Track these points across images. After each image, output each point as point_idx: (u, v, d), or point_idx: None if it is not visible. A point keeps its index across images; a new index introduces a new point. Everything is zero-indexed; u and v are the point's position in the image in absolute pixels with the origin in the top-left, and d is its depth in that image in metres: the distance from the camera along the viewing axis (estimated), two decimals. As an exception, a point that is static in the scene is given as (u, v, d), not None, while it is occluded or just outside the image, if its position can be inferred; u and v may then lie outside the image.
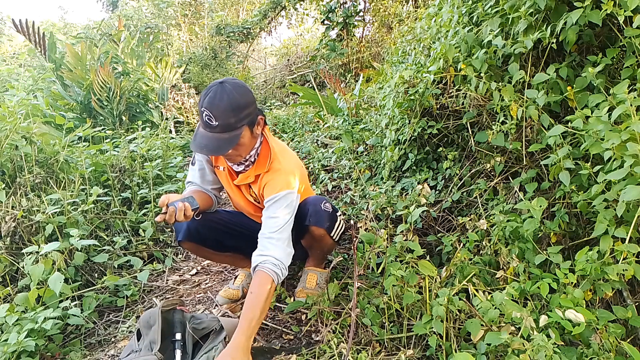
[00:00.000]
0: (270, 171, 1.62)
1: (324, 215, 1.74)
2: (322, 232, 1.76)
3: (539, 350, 1.07)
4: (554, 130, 1.45)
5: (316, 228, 1.74)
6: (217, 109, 1.41)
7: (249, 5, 12.51)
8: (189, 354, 1.43)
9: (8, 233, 2.00)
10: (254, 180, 1.67)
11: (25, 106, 2.71)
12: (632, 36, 1.36)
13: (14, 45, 13.86)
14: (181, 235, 1.72)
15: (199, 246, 1.78)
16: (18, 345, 1.45)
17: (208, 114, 1.42)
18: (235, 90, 1.44)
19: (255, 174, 1.65)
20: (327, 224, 1.76)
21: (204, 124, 1.45)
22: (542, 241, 1.66)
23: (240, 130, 1.47)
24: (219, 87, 1.43)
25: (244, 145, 1.53)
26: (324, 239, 1.79)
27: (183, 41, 10.60)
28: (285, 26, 17.81)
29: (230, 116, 1.43)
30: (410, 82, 2.31)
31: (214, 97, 1.42)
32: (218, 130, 1.43)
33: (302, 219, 1.72)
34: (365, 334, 1.52)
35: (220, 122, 1.42)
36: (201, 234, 1.74)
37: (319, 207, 1.74)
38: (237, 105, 1.43)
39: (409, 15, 6.46)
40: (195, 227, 1.72)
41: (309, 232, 1.76)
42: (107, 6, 12.62)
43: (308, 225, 1.73)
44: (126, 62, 5.65)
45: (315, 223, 1.73)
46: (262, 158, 1.64)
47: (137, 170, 3.02)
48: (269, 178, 1.61)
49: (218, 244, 1.81)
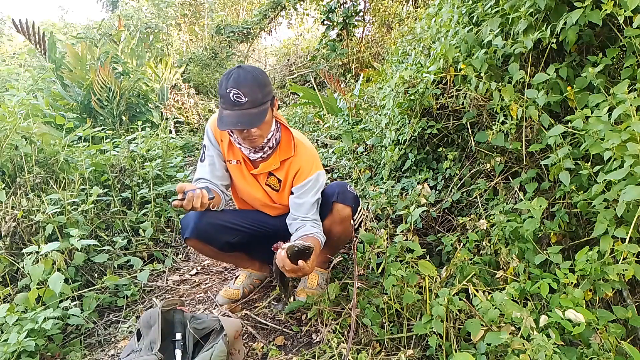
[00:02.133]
0: (297, 155, 1.70)
1: (350, 195, 1.75)
2: (347, 212, 1.73)
3: (539, 350, 1.07)
4: (554, 130, 1.45)
5: (343, 206, 1.73)
6: (245, 87, 1.49)
7: (249, 5, 12.51)
8: (189, 354, 1.43)
9: (8, 233, 2.00)
10: (279, 166, 1.71)
11: (25, 106, 2.70)
12: (632, 36, 1.36)
13: (14, 45, 13.86)
14: (188, 232, 1.72)
15: (204, 244, 1.78)
16: (18, 345, 1.45)
17: (236, 92, 1.48)
18: (254, 69, 1.55)
19: (280, 159, 1.71)
20: (353, 205, 1.75)
21: (232, 103, 1.50)
22: (542, 241, 1.66)
23: (266, 105, 1.55)
24: (239, 69, 1.52)
25: (267, 123, 1.59)
26: (346, 222, 1.75)
27: (183, 41, 10.60)
28: (285, 26, 17.79)
29: (257, 91, 1.51)
30: (410, 82, 2.31)
31: (238, 77, 1.50)
32: (247, 106, 1.50)
33: (328, 197, 1.74)
34: (365, 334, 1.52)
35: (249, 97, 1.49)
36: (208, 233, 1.74)
37: (345, 188, 1.76)
38: (261, 81, 1.53)
39: (409, 15, 6.45)
40: (203, 225, 1.72)
41: (332, 211, 1.74)
42: (107, 6, 12.61)
43: (334, 202, 1.73)
44: (126, 62, 5.64)
45: (342, 201, 1.73)
46: (285, 143, 1.72)
47: (137, 170, 3.02)
48: (299, 162, 1.70)
49: (224, 244, 1.80)
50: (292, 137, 1.72)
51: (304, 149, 1.73)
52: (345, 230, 1.78)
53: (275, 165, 1.71)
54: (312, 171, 1.70)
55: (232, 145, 1.74)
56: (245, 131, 1.55)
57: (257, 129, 1.56)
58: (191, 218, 1.73)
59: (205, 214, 1.72)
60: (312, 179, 1.69)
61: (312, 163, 1.71)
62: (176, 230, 2.81)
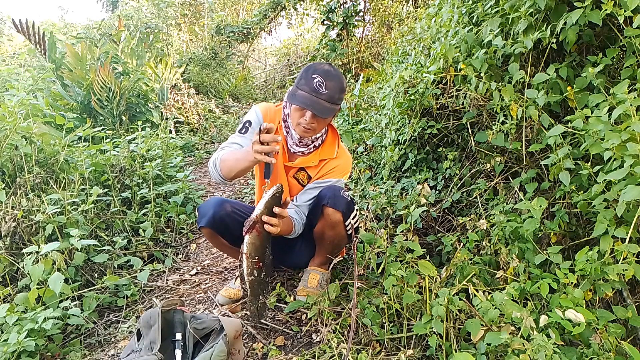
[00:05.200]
0: (338, 158, 1.80)
1: (342, 201, 1.73)
2: (337, 217, 1.73)
3: (539, 350, 1.07)
4: (554, 130, 1.45)
5: (333, 211, 1.71)
6: (330, 81, 1.57)
7: (249, 5, 12.52)
8: (189, 354, 1.43)
9: (8, 233, 2.00)
10: (316, 164, 1.78)
11: (25, 106, 2.70)
12: (632, 36, 1.36)
13: (14, 45, 13.85)
14: (204, 221, 1.73)
15: (217, 236, 1.79)
16: (18, 345, 1.45)
17: (320, 82, 1.56)
18: (342, 75, 1.65)
19: (320, 158, 1.78)
20: (344, 210, 1.73)
21: (312, 89, 1.56)
22: (542, 241, 1.66)
23: (337, 107, 1.62)
24: (331, 67, 1.62)
25: (326, 123, 1.69)
26: (338, 226, 1.75)
27: (183, 41, 10.61)
28: (285, 26, 17.81)
29: (337, 92, 1.59)
30: (410, 82, 2.31)
31: (328, 72, 1.58)
32: (324, 97, 1.57)
33: (320, 200, 1.75)
34: (365, 334, 1.52)
35: (329, 92, 1.57)
36: (224, 224, 1.74)
37: (337, 193, 1.74)
38: (343, 86, 1.63)
39: (409, 15, 6.45)
40: (221, 216, 1.72)
41: (324, 215, 1.74)
42: (107, 6, 12.61)
43: (324, 206, 1.72)
44: (126, 62, 5.65)
45: (333, 205, 1.71)
46: (329, 144, 1.80)
47: (137, 170, 3.02)
48: (337, 164, 1.80)
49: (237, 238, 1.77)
50: (337, 140, 1.81)
51: (345, 154, 1.83)
52: (337, 234, 1.79)
53: (313, 162, 1.77)
54: (340, 174, 1.81)
55: (277, 133, 1.75)
56: (306, 117, 1.60)
57: (317, 123, 1.63)
58: (211, 206, 1.74)
59: (225, 204, 1.74)
60: (339, 181, 1.80)
61: (346, 169, 1.83)
62: (176, 230, 2.81)
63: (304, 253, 1.97)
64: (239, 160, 1.55)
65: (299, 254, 1.98)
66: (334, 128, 1.82)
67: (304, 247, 1.96)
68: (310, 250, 1.95)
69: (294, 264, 2.09)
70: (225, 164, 1.60)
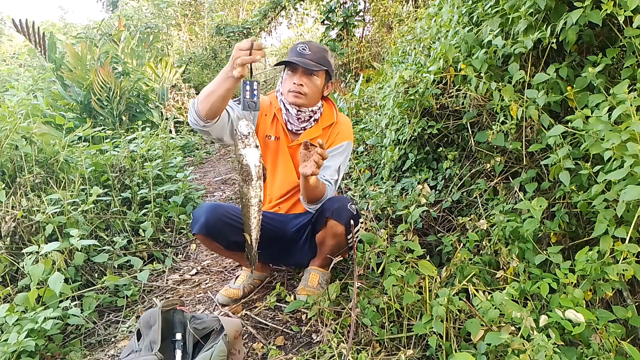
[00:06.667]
0: (339, 122, 1.89)
1: (346, 214, 1.73)
2: (340, 230, 1.75)
3: (539, 350, 1.07)
4: (554, 130, 1.45)
5: (336, 224, 1.73)
6: (312, 46, 1.75)
7: (249, 5, 12.52)
8: (189, 354, 1.43)
9: (8, 233, 1.99)
10: (320, 134, 1.85)
11: (25, 106, 2.70)
12: (632, 36, 1.36)
13: (14, 45, 13.86)
14: (197, 228, 1.73)
15: (211, 241, 1.79)
16: (18, 345, 1.45)
17: (303, 46, 1.73)
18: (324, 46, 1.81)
19: (322, 127, 1.86)
20: (347, 224, 1.74)
21: (297, 53, 1.72)
22: (542, 241, 1.66)
23: (323, 68, 1.74)
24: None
25: (316, 87, 1.77)
26: (339, 238, 1.78)
27: (183, 41, 10.61)
28: (285, 26, 17.81)
29: (320, 52, 1.75)
30: (410, 82, 2.31)
31: (310, 42, 1.77)
32: (308, 57, 1.72)
33: (325, 211, 1.77)
34: (365, 334, 1.52)
35: (312, 54, 1.72)
36: (217, 230, 1.74)
37: (343, 205, 1.75)
38: (327, 52, 1.78)
39: (409, 15, 6.45)
40: (214, 222, 1.72)
41: (326, 226, 1.76)
42: (107, 6, 12.62)
43: (328, 218, 1.74)
44: (126, 62, 5.65)
45: (337, 218, 1.73)
46: (327, 112, 1.89)
47: (137, 170, 3.02)
48: (340, 127, 1.89)
49: (231, 242, 1.79)
50: (333, 106, 1.91)
51: (345, 117, 1.94)
52: (338, 243, 1.81)
53: (317, 133, 1.84)
54: (347, 138, 1.88)
55: (275, 119, 1.85)
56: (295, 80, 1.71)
57: (307, 86, 1.73)
58: (203, 212, 1.74)
59: (217, 210, 1.74)
60: (344, 144, 1.86)
61: (349, 130, 1.91)
62: (176, 230, 2.81)
63: (310, 252, 1.97)
64: (218, 82, 1.42)
65: (300, 253, 1.98)
66: (330, 99, 1.92)
67: (308, 247, 1.95)
68: (313, 250, 1.95)
69: (297, 263, 2.09)
70: (203, 94, 1.49)
